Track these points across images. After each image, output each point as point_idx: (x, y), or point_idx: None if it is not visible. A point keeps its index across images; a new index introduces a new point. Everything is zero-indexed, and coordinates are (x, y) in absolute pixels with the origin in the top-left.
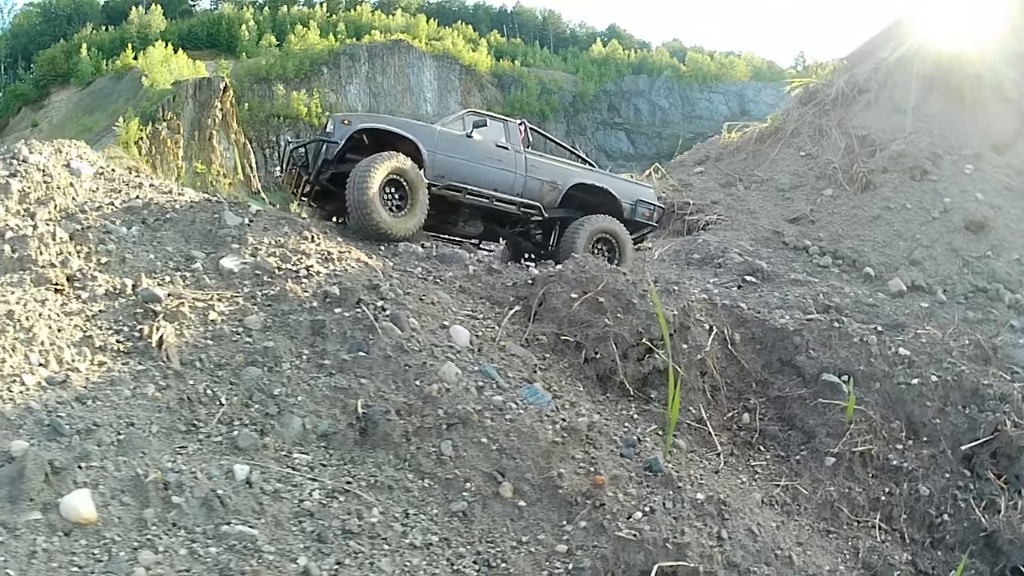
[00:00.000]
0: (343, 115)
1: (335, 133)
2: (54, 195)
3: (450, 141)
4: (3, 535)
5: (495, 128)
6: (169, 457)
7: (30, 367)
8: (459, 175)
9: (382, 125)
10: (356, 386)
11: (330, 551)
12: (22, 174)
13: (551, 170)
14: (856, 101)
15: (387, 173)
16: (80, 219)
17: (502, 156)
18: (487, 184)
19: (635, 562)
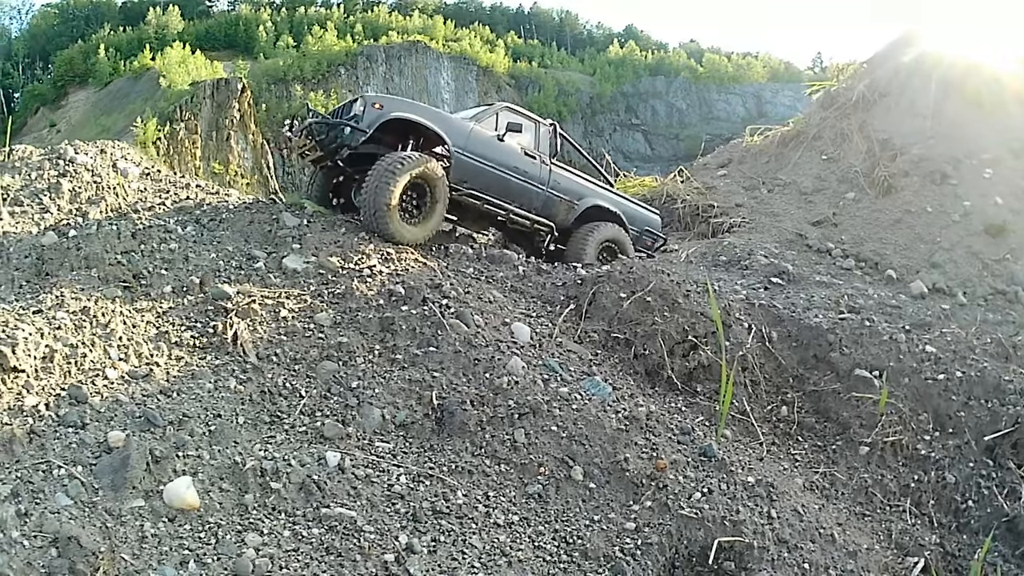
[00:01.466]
0: (375, 97)
1: (364, 118)
2: (105, 195)
3: (481, 143)
4: (110, 521)
5: (528, 131)
6: (260, 446)
7: (111, 362)
8: (482, 182)
9: (417, 117)
10: (429, 379)
11: (425, 529)
12: (72, 174)
13: (572, 187)
14: (877, 105)
15: (412, 178)
16: (134, 219)
17: (528, 167)
18: (508, 196)
19: (696, 538)
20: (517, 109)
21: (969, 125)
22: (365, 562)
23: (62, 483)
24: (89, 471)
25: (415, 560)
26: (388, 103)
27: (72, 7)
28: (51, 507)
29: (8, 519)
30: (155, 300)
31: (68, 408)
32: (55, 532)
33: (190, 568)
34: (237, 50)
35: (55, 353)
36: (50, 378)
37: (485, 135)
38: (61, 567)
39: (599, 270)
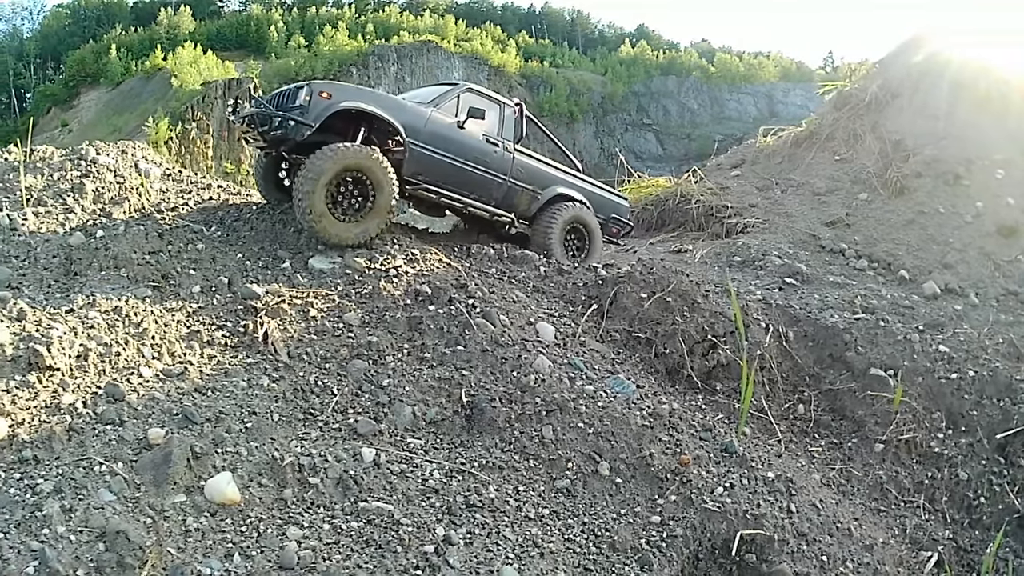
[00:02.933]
0: (323, 85)
1: (311, 109)
2: (128, 195)
3: (439, 131)
4: (153, 516)
5: (491, 115)
6: (296, 442)
7: (145, 360)
8: (439, 175)
9: (367, 106)
10: (458, 377)
11: (460, 522)
12: (94, 174)
13: (535, 176)
14: (889, 106)
15: (344, 172)
16: (159, 219)
17: (490, 157)
18: (467, 188)
19: (719, 531)
20: (481, 91)
21: (981, 126)
22: (406, 553)
23: (104, 479)
24: (130, 467)
25: (453, 551)
26: (337, 91)
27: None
28: (95, 503)
29: (53, 515)
30: (184, 300)
31: (106, 406)
32: (101, 527)
33: (235, 561)
34: (248, 50)
35: (89, 352)
36: (85, 376)
37: (444, 122)
38: (109, 561)
39: (620, 271)
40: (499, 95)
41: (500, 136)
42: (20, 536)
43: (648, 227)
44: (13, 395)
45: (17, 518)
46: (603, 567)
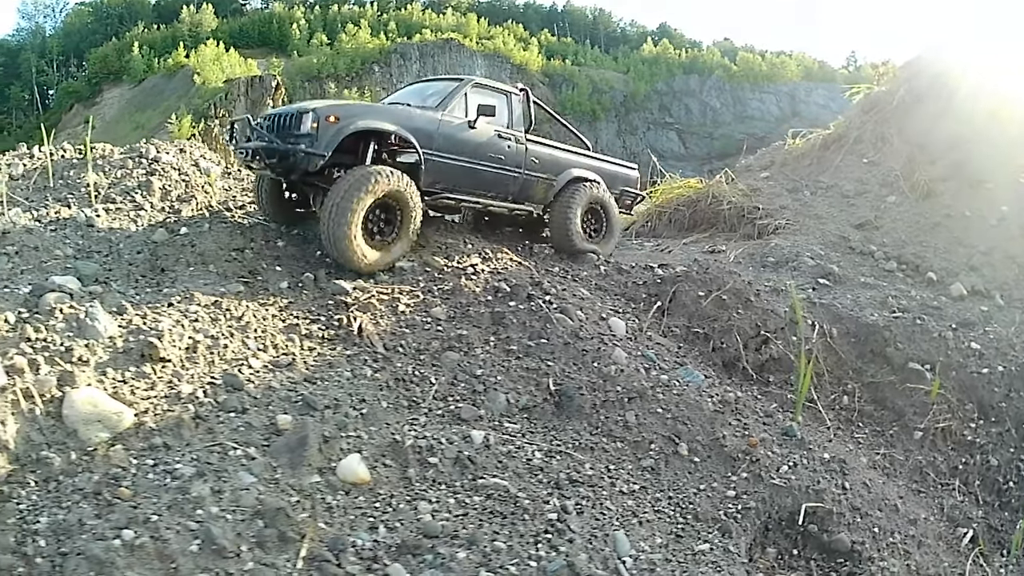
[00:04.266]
0: (327, 108)
1: (320, 138)
2: (194, 193)
3: (451, 136)
4: (296, 495)
5: (501, 108)
6: (407, 427)
7: (251, 352)
8: (456, 179)
9: (382, 125)
10: (544, 367)
11: (568, 496)
12: (160, 172)
13: (548, 163)
14: (916, 110)
15: (378, 199)
16: (227, 217)
17: (504, 151)
18: (484, 188)
19: (785, 504)
20: (486, 84)
21: (1006, 131)
22: (532, 520)
23: (241, 463)
24: (263, 451)
25: (570, 519)
26: (344, 113)
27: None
28: (238, 484)
29: (206, 496)
30: (274, 295)
31: (226, 395)
32: (253, 506)
33: (381, 532)
34: (271, 48)
35: (198, 344)
36: (195, 367)
37: (454, 125)
38: (271, 536)
39: (677, 271)
40: (503, 84)
41: (511, 128)
42: (174, 517)
43: (680, 227)
44: (131, 385)
45: (166, 501)
46: (691, 534)
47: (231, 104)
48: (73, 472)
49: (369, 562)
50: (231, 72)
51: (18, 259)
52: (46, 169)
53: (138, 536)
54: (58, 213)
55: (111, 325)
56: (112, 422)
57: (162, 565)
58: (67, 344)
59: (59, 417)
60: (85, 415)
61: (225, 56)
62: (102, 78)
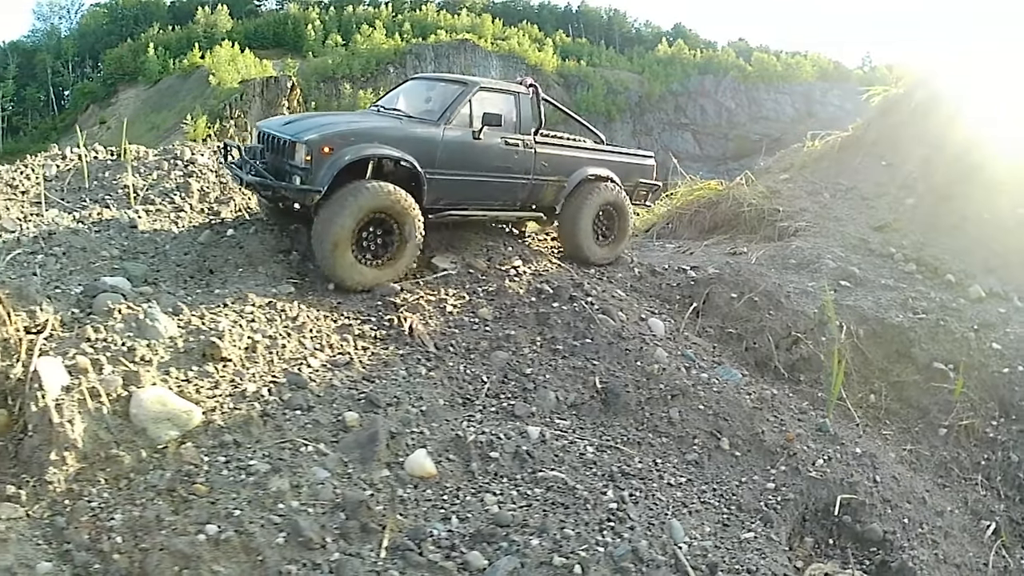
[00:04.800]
0: (320, 138)
1: (315, 172)
2: (232, 195)
3: (455, 151)
4: (368, 488)
5: (507, 110)
6: (465, 423)
7: (309, 351)
8: (460, 195)
9: (379, 151)
10: (590, 366)
11: (623, 487)
12: (197, 174)
13: (559, 164)
14: (933, 112)
15: (369, 216)
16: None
17: (511, 161)
18: (491, 199)
19: (821, 496)
20: (492, 86)
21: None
22: (594, 509)
23: (313, 458)
24: (332, 447)
25: (628, 508)
26: (338, 140)
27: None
28: (314, 479)
29: (286, 490)
30: (324, 296)
31: (291, 393)
32: (332, 499)
33: (453, 522)
34: (286, 49)
35: (257, 344)
36: (255, 366)
37: (458, 140)
38: (354, 527)
39: (710, 273)
40: (511, 83)
41: (519, 132)
42: (256, 511)
43: (701, 229)
44: (195, 384)
45: (245, 496)
46: (736, 523)
47: (246, 105)
48: (144, 470)
49: (447, 550)
50: (246, 73)
51: (66, 260)
52: (79, 170)
53: (222, 531)
54: (100, 215)
55: (171, 325)
56: (182, 420)
57: (248, 558)
58: (129, 344)
59: (126, 416)
60: (154, 414)
61: (240, 57)
62: (117, 79)
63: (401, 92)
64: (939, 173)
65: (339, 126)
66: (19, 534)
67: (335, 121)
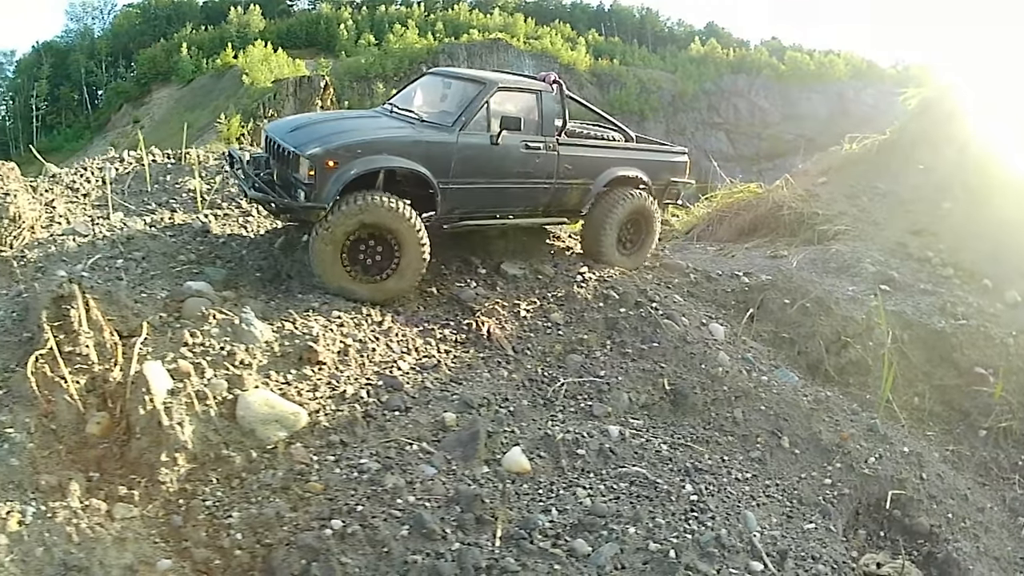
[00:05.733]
0: (323, 151)
1: (319, 187)
2: None
3: (471, 159)
4: (471, 483)
5: (529, 110)
6: (549, 422)
7: (397, 355)
8: (477, 204)
9: (385, 164)
10: (658, 369)
11: (698, 481)
12: None
13: (584, 167)
14: (969, 116)
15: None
16: None
17: (532, 166)
18: (510, 206)
19: (873, 491)
20: (512, 84)
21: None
22: (676, 501)
23: (418, 456)
24: (435, 446)
25: (708, 500)
26: (342, 154)
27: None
28: (423, 475)
29: (402, 486)
30: (405, 301)
31: (388, 394)
32: (446, 493)
33: (553, 514)
34: (319, 48)
35: (349, 347)
36: (348, 369)
37: (475, 145)
38: (469, 519)
39: (763, 280)
40: (533, 79)
41: (541, 133)
42: (376, 506)
43: (741, 231)
44: (295, 387)
45: (363, 492)
46: (798, 515)
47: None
48: (256, 469)
49: (554, 539)
50: (279, 72)
51: (146, 264)
52: (139, 174)
53: (347, 525)
54: (171, 219)
55: (266, 330)
56: (289, 422)
57: (374, 550)
58: (228, 349)
59: (232, 418)
60: (262, 415)
61: (273, 56)
62: (151, 78)
63: (415, 89)
64: (975, 177)
65: (345, 136)
66: (136, 533)
67: (341, 129)
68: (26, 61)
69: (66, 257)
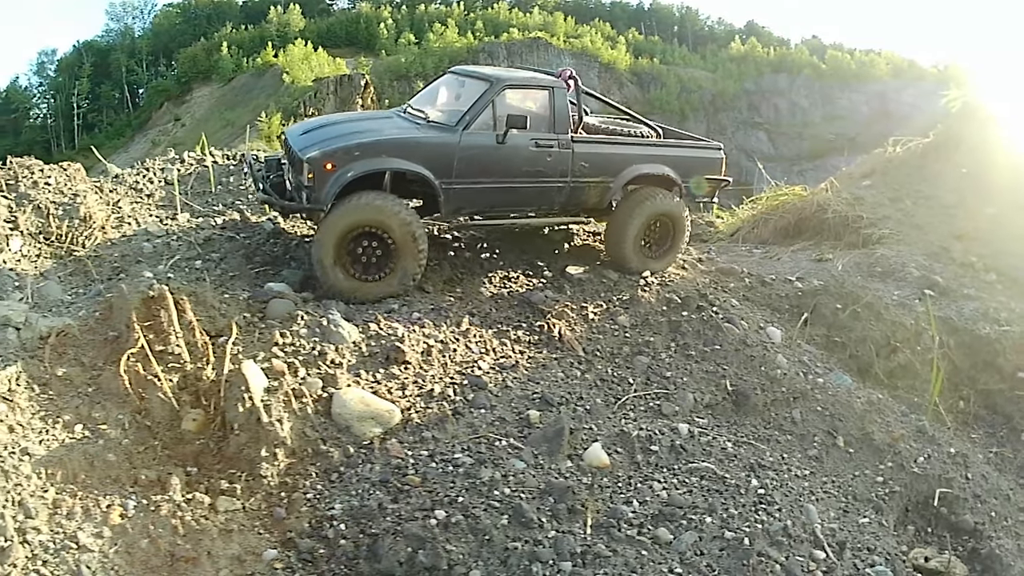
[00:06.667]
0: (321, 154)
1: (318, 189)
2: None
3: (474, 159)
4: (557, 476)
5: (540, 108)
6: (622, 420)
7: (476, 355)
8: (484, 203)
9: (382, 165)
10: (720, 371)
11: (762, 476)
12: None
13: (603, 164)
14: (1012, 119)
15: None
16: None
17: (543, 164)
18: (521, 205)
19: (922, 489)
20: (520, 82)
21: None
22: (745, 495)
23: (508, 451)
24: (522, 442)
25: (774, 494)
26: (341, 156)
27: (194, 6)
28: (514, 469)
29: (498, 479)
30: (479, 302)
31: (473, 393)
32: (538, 485)
33: (634, 505)
34: (359, 47)
35: (432, 348)
36: (432, 369)
37: (478, 146)
38: (562, 510)
39: (815, 285)
40: (544, 74)
41: (554, 131)
42: (475, 498)
43: (786, 234)
44: (385, 386)
45: (461, 485)
46: (853, 511)
47: (320, 102)
48: (354, 464)
49: (639, 528)
50: (320, 71)
51: (225, 265)
52: (201, 174)
53: (450, 515)
54: (240, 220)
55: (353, 331)
56: (384, 419)
57: (476, 538)
58: (318, 348)
59: (327, 415)
60: (358, 413)
61: (313, 55)
62: (191, 77)
63: (434, 89)
64: (1019, 182)
65: (345, 139)
66: (240, 524)
67: (346, 132)
68: (67, 60)
69: (143, 258)
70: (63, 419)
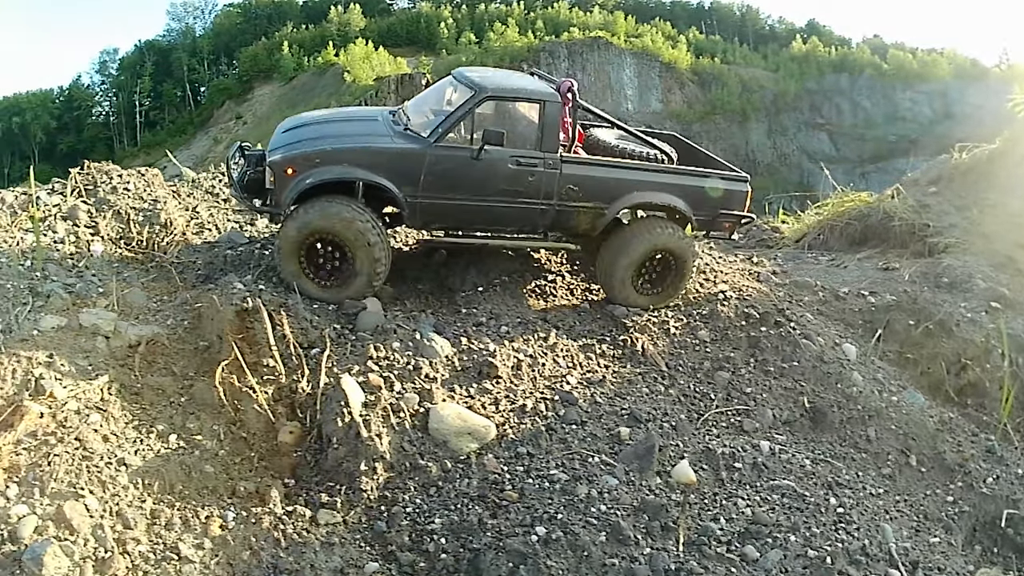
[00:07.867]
0: (282, 158)
1: (279, 192)
2: None
3: (444, 174)
4: (648, 493)
5: (525, 123)
6: (707, 437)
7: (564, 369)
8: (455, 219)
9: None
10: (798, 387)
11: (839, 495)
12: None
13: (595, 188)
14: None
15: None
16: None
17: (524, 183)
18: (499, 225)
19: (990, 509)
20: (506, 95)
21: None
22: (825, 513)
23: (601, 468)
24: (614, 458)
25: (852, 513)
26: (300, 162)
27: (255, 6)
28: (608, 486)
29: (594, 496)
30: (564, 316)
31: (564, 409)
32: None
33: (722, 522)
34: (419, 46)
35: (521, 362)
36: (522, 383)
37: (449, 158)
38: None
39: (888, 301)
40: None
41: (540, 148)
42: (573, 514)
43: (851, 241)
44: (479, 400)
45: (559, 501)
46: (924, 530)
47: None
48: (451, 478)
49: (727, 545)
50: (380, 70)
51: None
52: None
53: (550, 531)
54: None
55: (446, 345)
56: (480, 434)
57: (575, 555)
58: (412, 363)
59: (424, 429)
60: (456, 428)
61: (374, 54)
62: (253, 76)
63: (432, 90)
64: None
65: (311, 144)
66: (341, 537)
67: (318, 135)
68: (129, 59)
69: (227, 266)
70: (157, 429)
